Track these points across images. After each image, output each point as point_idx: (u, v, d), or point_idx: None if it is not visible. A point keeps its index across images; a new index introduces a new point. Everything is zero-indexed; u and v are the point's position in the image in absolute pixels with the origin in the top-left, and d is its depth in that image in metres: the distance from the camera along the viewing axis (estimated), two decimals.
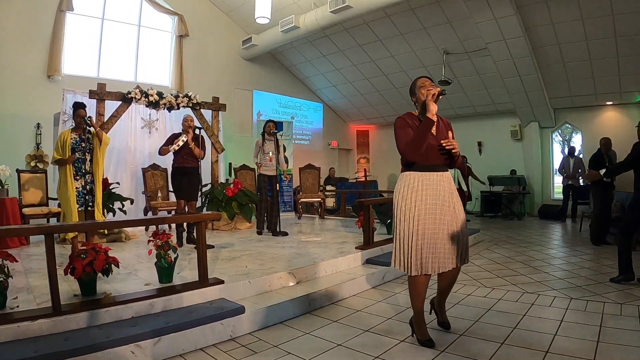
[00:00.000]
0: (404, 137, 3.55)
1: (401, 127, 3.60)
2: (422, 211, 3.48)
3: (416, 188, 3.52)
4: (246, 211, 8.85)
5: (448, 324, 3.94)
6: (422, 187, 3.51)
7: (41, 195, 8.24)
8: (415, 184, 3.53)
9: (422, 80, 3.69)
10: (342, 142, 19.03)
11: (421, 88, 3.64)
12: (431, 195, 3.51)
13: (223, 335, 3.81)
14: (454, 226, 3.55)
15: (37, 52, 10.58)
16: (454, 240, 3.53)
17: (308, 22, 12.24)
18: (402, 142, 3.55)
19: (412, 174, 3.57)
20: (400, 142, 3.57)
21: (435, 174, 3.57)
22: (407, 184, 3.56)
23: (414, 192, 3.51)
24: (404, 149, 3.54)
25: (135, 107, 9.06)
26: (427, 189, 3.51)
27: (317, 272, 5.47)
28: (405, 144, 3.52)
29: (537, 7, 10.35)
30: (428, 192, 3.51)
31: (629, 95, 12.41)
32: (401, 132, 3.58)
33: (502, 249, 8.19)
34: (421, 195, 3.50)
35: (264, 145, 8.20)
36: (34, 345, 3.14)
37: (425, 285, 3.61)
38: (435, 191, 3.53)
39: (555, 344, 3.53)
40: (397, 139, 3.60)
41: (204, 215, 5.13)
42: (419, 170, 3.55)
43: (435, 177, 3.56)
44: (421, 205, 3.48)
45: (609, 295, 4.93)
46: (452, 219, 3.55)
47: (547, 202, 14.25)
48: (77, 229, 5.35)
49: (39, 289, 4.25)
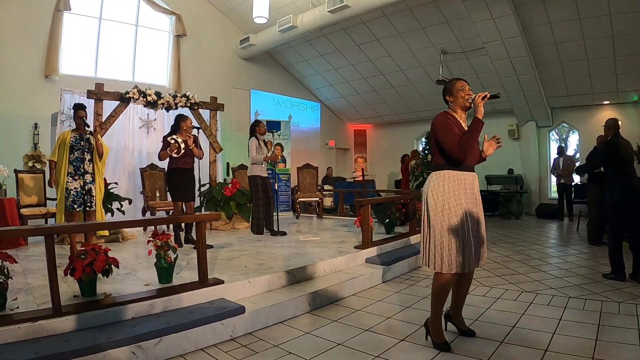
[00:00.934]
0: (453, 136, 3.53)
1: (448, 126, 3.59)
2: (465, 209, 3.51)
3: (454, 187, 3.53)
4: (244, 211, 8.85)
5: (472, 331, 3.85)
6: (459, 186, 3.54)
7: (39, 195, 8.24)
8: (452, 182, 3.54)
9: (462, 83, 3.71)
10: (339, 141, 19.03)
11: (461, 90, 3.66)
12: (469, 194, 3.57)
13: (223, 335, 3.82)
14: (482, 225, 3.65)
15: (34, 51, 10.56)
16: (483, 239, 3.64)
17: (306, 22, 12.24)
18: (451, 141, 3.51)
19: (450, 173, 3.56)
20: (448, 140, 3.52)
21: (470, 174, 3.62)
22: (444, 183, 3.54)
23: (453, 191, 3.52)
24: (457, 147, 3.50)
25: (133, 107, 9.07)
26: (466, 188, 3.56)
27: (317, 271, 5.47)
28: (459, 142, 3.50)
29: (534, 7, 10.36)
30: (467, 191, 3.56)
31: (625, 95, 12.44)
32: (448, 131, 3.56)
33: (500, 247, 8.21)
34: (460, 194, 3.52)
35: (260, 146, 8.18)
36: (35, 346, 3.14)
37: (451, 285, 3.61)
38: (471, 190, 3.60)
39: (554, 342, 3.56)
40: (443, 138, 3.55)
41: (203, 215, 5.12)
42: (459, 170, 3.57)
43: (471, 177, 3.62)
44: (463, 203, 3.52)
45: (607, 294, 4.96)
46: (481, 217, 3.65)
47: (545, 201, 14.29)
48: (77, 229, 5.34)
49: (38, 289, 4.25)
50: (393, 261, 6.23)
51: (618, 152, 5.83)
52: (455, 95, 3.69)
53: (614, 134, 6.00)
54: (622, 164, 5.82)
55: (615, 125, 6.04)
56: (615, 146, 5.88)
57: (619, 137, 5.96)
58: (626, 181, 5.76)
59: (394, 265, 6.18)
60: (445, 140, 3.53)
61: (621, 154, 5.82)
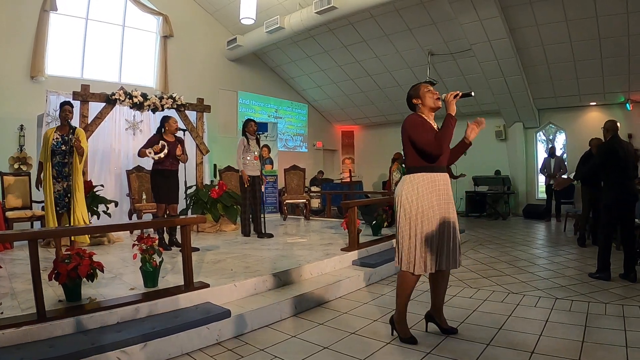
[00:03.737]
0: (427, 133, 3.58)
1: (419, 124, 3.65)
2: (438, 212, 3.59)
3: (428, 190, 3.58)
4: (231, 213, 8.82)
5: (454, 329, 3.94)
6: (433, 188, 3.59)
7: (25, 198, 8.16)
8: (426, 185, 3.58)
9: (426, 85, 3.79)
10: (327, 142, 19.03)
11: (428, 92, 3.73)
12: (442, 195, 3.63)
13: (209, 339, 3.79)
14: (455, 226, 3.68)
15: (20, 52, 10.44)
16: (455, 240, 3.66)
17: (293, 23, 12.21)
18: (425, 137, 3.56)
19: (422, 175, 3.60)
20: (422, 137, 3.56)
21: (442, 174, 3.67)
22: (418, 186, 3.59)
23: (426, 194, 3.57)
24: (432, 142, 3.53)
25: (120, 109, 9.00)
26: (438, 190, 3.61)
27: (303, 274, 5.46)
28: (435, 137, 3.55)
29: (521, 9, 10.41)
30: (439, 192, 3.61)
31: (612, 96, 12.56)
32: (420, 129, 3.61)
33: (487, 249, 8.24)
34: (433, 196, 3.58)
35: (249, 145, 8.16)
36: (19, 352, 3.10)
37: (415, 285, 3.73)
38: (443, 192, 3.65)
39: (541, 344, 3.56)
40: (416, 134, 3.58)
41: (188, 219, 5.09)
42: (429, 172, 3.61)
43: (443, 177, 3.67)
44: (436, 206, 3.58)
45: (593, 295, 4.98)
46: (454, 219, 3.68)
47: (532, 201, 14.36)
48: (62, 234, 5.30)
49: (23, 294, 4.21)
50: (379, 263, 6.21)
51: (616, 154, 5.81)
52: (423, 97, 3.75)
53: (612, 136, 5.99)
54: (621, 166, 5.81)
55: (613, 127, 6.03)
56: (613, 148, 5.86)
57: (618, 139, 5.96)
58: (622, 182, 5.79)
59: (381, 267, 6.16)
60: (420, 137, 3.57)
61: (619, 156, 5.80)
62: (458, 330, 3.93)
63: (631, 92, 12.20)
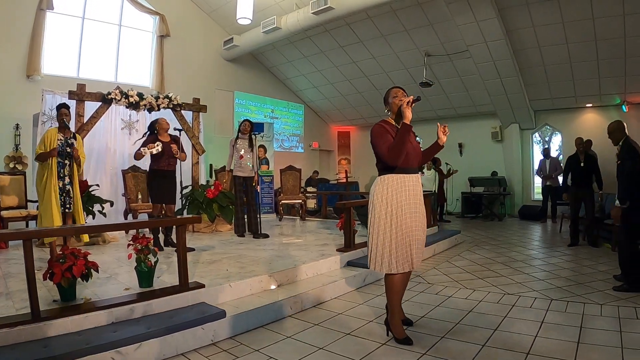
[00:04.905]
0: (385, 143, 3.67)
1: (381, 134, 3.74)
2: (405, 212, 3.68)
3: (398, 190, 3.69)
4: (227, 213, 8.80)
5: (410, 320, 4.16)
6: (402, 189, 3.70)
7: (20, 197, 8.12)
8: (396, 186, 3.69)
9: (395, 91, 3.89)
10: (323, 143, 19.04)
11: (395, 98, 3.81)
12: (411, 196, 3.73)
13: (204, 340, 3.78)
14: (424, 226, 3.86)
15: (16, 51, 10.40)
16: (423, 240, 3.84)
17: (290, 23, 12.21)
18: (383, 148, 3.67)
19: (392, 177, 3.72)
20: (381, 147, 3.69)
21: (412, 176, 3.78)
22: (388, 186, 3.70)
23: (396, 194, 3.68)
24: (387, 154, 3.65)
25: (115, 108, 8.96)
26: (407, 191, 3.71)
27: (298, 275, 5.45)
28: (388, 149, 3.64)
29: (518, 10, 10.44)
30: (408, 193, 3.71)
31: (608, 98, 12.59)
32: (381, 138, 3.71)
33: (482, 250, 8.24)
34: (402, 197, 3.69)
35: (237, 143, 8.14)
36: (13, 352, 3.09)
37: (403, 283, 3.85)
38: (413, 193, 3.75)
39: (536, 345, 3.57)
40: (377, 145, 3.74)
41: (184, 219, 5.08)
42: (399, 173, 3.71)
43: (413, 179, 3.78)
44: (404, 206, 3.68)
45: (588, 296, 4.99)
46: (423, 219, 3.86)
47: (528, 202, 14.40)
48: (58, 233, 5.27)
49: (17, 294, 4.19)
50: None
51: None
52: (389, 103, 3.87)
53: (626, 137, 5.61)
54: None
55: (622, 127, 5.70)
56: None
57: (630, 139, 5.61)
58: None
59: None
60: (378, 147, 3.74)
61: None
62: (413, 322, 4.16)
63: (627, 94, 12.23)
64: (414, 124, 3.76)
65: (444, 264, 7.05)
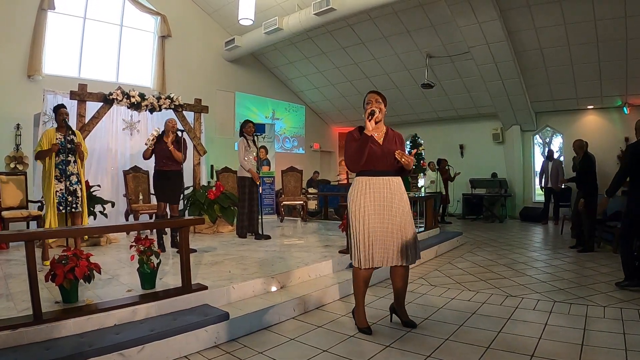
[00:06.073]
0: (348, 151, 4.01)
1: (347, 141, 4.06)
2: (370, 211, 3.90)
3: (365, 191, 3.94)
4: (228, 214, 8.78)
5: (413, 322, 4.17)
6: (370, 190, 3.94)
7: (21, 197, 8.09)
8: (364, 187, 3.96)
9: (369, 96, 4.08)
10: (324, 144, 19.04)
11: (367, 105, 4.02)
12: (378, 197, 3.93)
13: (207, 342, 3.77)
14: (399, 226, 3.94)
15: (17, 51, 10.40)
16: (399, 239, 3.93)
17: (291, 24, 12.21)
18: (345, 155, 4.09)
19: (362, 179, 3.99)
20: (345, 156, 4.09)
21: (381, 178, 3.97)
22: (358, 187, 3.98)
23: (363, 195, 3.93)
24: (345, 161, 4.10)
25: (117, 109, 8.94)
26: (374, 192, 3.93)
27: (301, 276, 5.44)
28: (345, 157, 4.06)
29: (520, 12, 10.44)
30: (375, 194, 3.93)
31: (609, 100, 12.59)
32: (346, 145, 4.06)
33: (484, 251, 8.23)
34: (369, 197, 3.92)
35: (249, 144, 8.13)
36: (15, 354, 3.07)
37: (366, 279, 4.07)
38: (381, 194, 3.94)
39: (540, 347, 3.55)
40: (344, 152, 4.13)
41: (187, 220, 5.05)
42: (367, 176, 3.97)
43: (382, 181, 3.97)
44: (369, 206, 3.91)
45: (592, 298, 4.98)
46: (400, 219, 3.95)
47: (528, 204, 14.41)
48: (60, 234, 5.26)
49: (19, 295, 4.17)
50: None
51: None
52: (364, 108, 4.06)
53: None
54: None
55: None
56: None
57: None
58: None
59: (379, 270, 6.12)
60: (345, 154, 4.09)
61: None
62: (416, 324, 4.15)
63: (628, 96, 12.23)
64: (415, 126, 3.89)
65: (446, 266, 7.04)
